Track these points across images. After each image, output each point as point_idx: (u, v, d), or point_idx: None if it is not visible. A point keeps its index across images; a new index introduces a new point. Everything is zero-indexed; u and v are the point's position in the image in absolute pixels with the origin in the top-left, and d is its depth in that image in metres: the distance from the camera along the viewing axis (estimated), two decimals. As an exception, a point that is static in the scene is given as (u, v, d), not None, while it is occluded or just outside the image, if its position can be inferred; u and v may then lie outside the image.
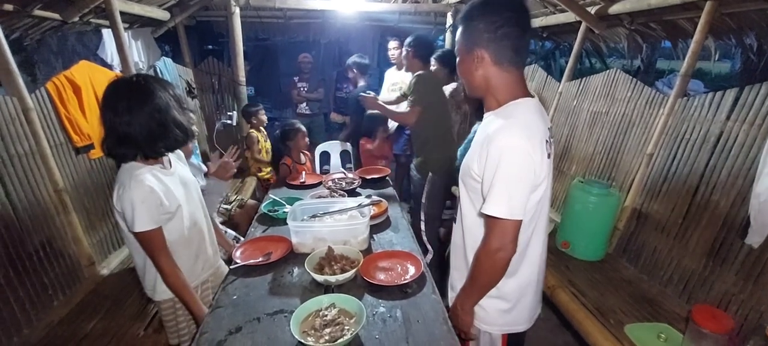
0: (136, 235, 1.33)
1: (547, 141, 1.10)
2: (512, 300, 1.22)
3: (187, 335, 1.59)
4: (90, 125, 2.37)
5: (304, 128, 3.10)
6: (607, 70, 2.96)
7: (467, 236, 1.22)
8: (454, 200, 1.29)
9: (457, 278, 1.28)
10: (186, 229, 1.48)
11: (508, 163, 1.02)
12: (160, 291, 1.47)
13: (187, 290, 1.43)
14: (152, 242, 1.34)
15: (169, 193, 1.39)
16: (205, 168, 2.33)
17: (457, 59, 1.17)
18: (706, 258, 1.96)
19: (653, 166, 2.37)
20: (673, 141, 2.27)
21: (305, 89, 4.64)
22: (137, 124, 1.29)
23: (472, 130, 2.05)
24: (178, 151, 1.61)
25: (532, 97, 1.14)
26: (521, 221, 1.05)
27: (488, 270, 1.12)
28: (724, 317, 1.56)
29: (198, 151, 3.33)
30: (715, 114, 2.07)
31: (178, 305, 1.51)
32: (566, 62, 3.78)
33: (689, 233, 2.07)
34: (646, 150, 2.42)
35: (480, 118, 1.21)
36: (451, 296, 1.33)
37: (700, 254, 1.98)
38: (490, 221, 1.07)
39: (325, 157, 3.80)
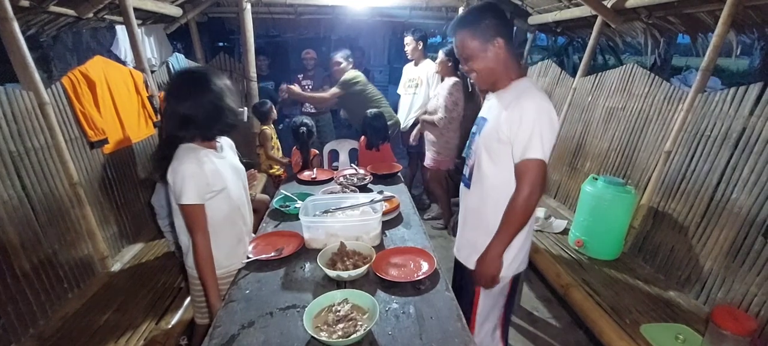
0: (182, 207, 1.43)
1: None
2: (517, 245, 1.44)
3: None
4: (104, 120, 2.39)
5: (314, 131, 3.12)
6: (624, 66, 2.90)
7: (490, 196, 1.42)
8: None
9: (477, 237, 1.46)
10: (230, 210, 1.56)
11: (541, 115, 1.28)
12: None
13: (212, 277, 1.48)
14: (194, 217, 1.44)
15: (217, 173, 1.50)
16: None
17: (470, 58, 1.36)
18: (726, 258, 1.90)
19: (671, 164, 2.31)
20: (693, 138, 2.21)
21: (310, 87, 4.50)
22: (198, 107, 1.44)
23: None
24: (232, 142, 1.73)
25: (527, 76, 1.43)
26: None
27: (524, 212, 1.32)
28: (746, 318, 1.51)
29: None
30: (738, 110, 2.00)
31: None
32: (579, 59, 3.73)
33: (708, 233, 2.01)
34: (664, 147, 2.36)
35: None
36: (472, 257, 1.48)
37: (720, 254, 1.93)
38: (526, 166, 1.29)
39: (334, 155, 3.79)
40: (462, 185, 1.58)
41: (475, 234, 1.49)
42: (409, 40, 3.67)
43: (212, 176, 1.47)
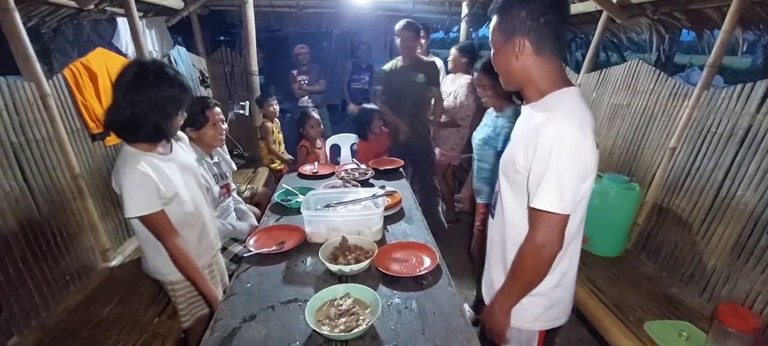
0: (140, 219, 1.35)
1: (593, 130, 1.04)
2: (553, 297, 1.16)
3: (187, 316, 1.60)
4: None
5: (316, 116, 3.09)
6: (628, 62, 2.87)
7: (509, 231, 1.16)
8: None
9: (496, 277, 1.23)
10: (187, 213, 1.48)
11: (560, 155, 0.96)
12: (164, 273, 1.50)
13: (198, 273, 1.44)
14: (155, 225, 1.36)
15: (166, 179, 1.40)
16: (235, 166, 2.33)
17: (493, 50, 1.11)
18: (730, 255, 1.89)
19: (676, 161, 2.29)
20: (698, 134, 2.19)
21: (306, 82, 4.50)
22: (114, 108, 1.33)
23: (486, 116, 2.07)
24: (182, 135, 1.63)
25: (575, 86, 1.08)
26: (569, 216, 0.99)
27: (532, 268, 1.06)
28: (751, 316, 1.50)
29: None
30: (744, 107, 1.98)
31: (176, 286, 1.53)
32: (582, 55, 3.70)
33: (713, 230, 2.00)
34: (669, 144, 2.34)
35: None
36: (488, 294, 1.29)
37: (725, 251, 1.91)
38: (537, 215, 1.00)
39: (336, 149, 3.78)
40: (490, 215, 1.34)
41: (494, 272, 1.26)
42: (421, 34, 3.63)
43: (162, 183, 1.37)
